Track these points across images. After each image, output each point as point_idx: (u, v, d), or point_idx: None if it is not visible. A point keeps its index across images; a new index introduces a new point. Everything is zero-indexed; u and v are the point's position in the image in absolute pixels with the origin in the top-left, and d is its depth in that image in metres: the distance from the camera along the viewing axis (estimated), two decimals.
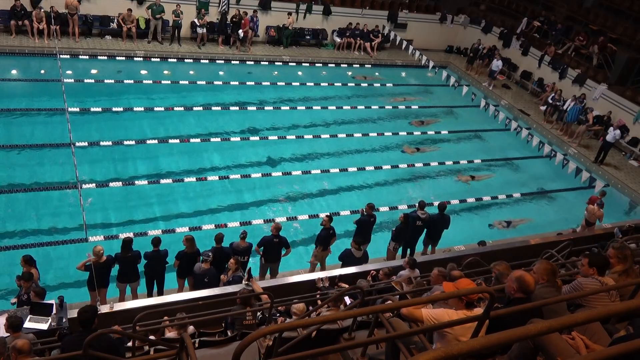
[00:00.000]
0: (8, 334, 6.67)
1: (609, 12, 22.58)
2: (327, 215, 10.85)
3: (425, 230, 11.59)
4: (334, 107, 18.47)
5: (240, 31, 20.21)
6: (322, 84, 20.26)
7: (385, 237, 11.81)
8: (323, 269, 10.72)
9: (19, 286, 8.30)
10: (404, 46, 22.39)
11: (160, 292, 9.67)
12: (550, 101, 19.73)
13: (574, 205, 15.65)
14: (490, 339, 2.55)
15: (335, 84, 20.37)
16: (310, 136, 16.39)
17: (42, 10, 17.76)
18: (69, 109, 13.83)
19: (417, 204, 11.54)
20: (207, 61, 19.79)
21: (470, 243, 12.14)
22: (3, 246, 10.43)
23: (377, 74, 22.10)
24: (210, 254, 9.18)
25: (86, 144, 13.80)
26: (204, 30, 20.26)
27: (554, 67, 21.53)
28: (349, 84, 20.63)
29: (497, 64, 21.76)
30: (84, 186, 11.80)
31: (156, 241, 9.38)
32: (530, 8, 25.00)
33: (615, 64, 20.36)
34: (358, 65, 22.40)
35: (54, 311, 7.60)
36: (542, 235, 12.59)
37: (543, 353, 3.84)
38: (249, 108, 17.41)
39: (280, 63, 21.13)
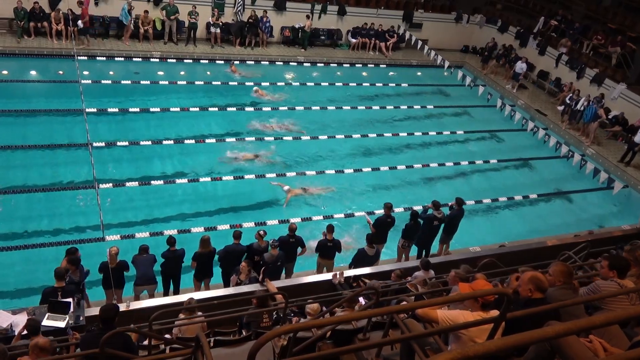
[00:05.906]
0: (26, 332, 6.78)
1: (628, 10, 22.22)
2: (329, 225, 10.60)
3: (441, 228, 11.53)
4: (348, 107, 18.46)
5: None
6: (336, 84, 20.26)
7: (397, 237, 11.71)
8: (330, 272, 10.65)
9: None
10: (419, 46, 22.29)
11: (177, 292, 9.74)
12: (568, 101, 19.46)
13: (592, 206, 15.48)
14: (506, 341, 2.52)
15: (350, 84, 20.34)
16: (325, 137, 16.38)
17: (61, 12, 18.00)
18: (87, 110, 13.99)
19: (431, 204, 11.42)
20: (222, 62, 19.90)
21: (486, 244, 12.04)
22: (22, 245, 10.58)
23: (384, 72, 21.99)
24: (277, 239, 9.75)
25: (103, 144, 13.96)
26: (218, 29, 20.37)
27: (571, 66, 21.26)
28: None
29: (521, 67, 21.50)
30: (101, 186, 11.92)
31: (171, 241, 9.45)
32: (547, 7, 24.70)
33: (634, 62, 20.05)
34: (373, 65, 22.36)
35: (72, 309, 7.73)
36: (559, 237, 12.44)
37: (560, 356, 3.79)
38: (263, 109, 17.45)
39: (295, 63, 21.17)
